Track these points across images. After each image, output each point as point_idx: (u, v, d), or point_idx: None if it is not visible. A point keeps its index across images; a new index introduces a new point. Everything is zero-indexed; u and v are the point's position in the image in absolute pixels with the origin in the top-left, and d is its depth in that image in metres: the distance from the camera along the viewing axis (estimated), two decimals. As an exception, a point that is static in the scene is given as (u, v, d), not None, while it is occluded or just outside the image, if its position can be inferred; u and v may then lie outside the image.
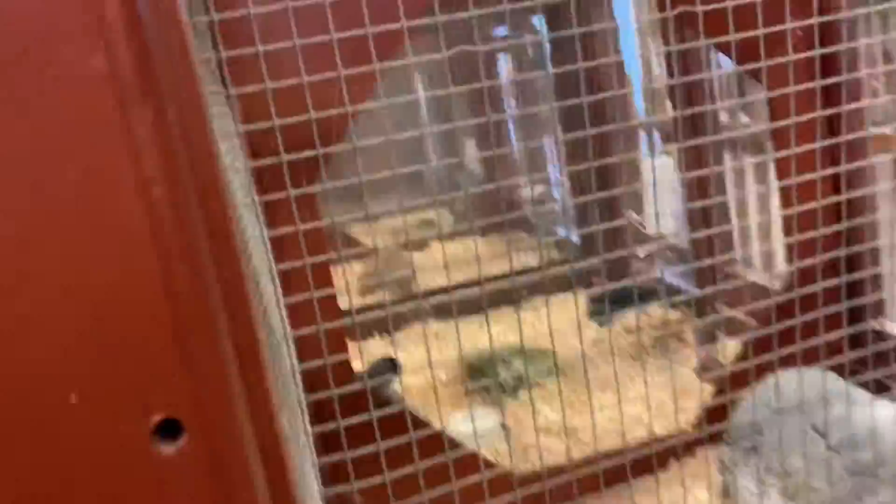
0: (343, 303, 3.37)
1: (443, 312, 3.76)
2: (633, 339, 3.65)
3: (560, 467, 2.64)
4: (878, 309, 2.71)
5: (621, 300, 3.69)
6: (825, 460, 2.04)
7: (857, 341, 2.33)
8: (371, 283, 4.59)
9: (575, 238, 5.07)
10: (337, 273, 4.84)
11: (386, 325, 3.86)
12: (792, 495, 2.12)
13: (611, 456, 2.47)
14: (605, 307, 3.78)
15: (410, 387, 3.50)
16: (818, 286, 1.28)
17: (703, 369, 3.00)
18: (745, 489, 2.30)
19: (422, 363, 3.72)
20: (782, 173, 2.82)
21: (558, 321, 4.11)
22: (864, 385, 1.48)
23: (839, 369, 2.09)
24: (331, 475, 2.47)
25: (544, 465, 2.71)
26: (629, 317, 3.76)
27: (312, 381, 2.43)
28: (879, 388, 1.97)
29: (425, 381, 3.60)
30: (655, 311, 3.79)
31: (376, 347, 3.93)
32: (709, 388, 2.97)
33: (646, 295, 3.79)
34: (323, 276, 2.34)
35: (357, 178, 1.74)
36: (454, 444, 2.42)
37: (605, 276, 4.47)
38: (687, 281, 3.91)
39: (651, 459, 2.34)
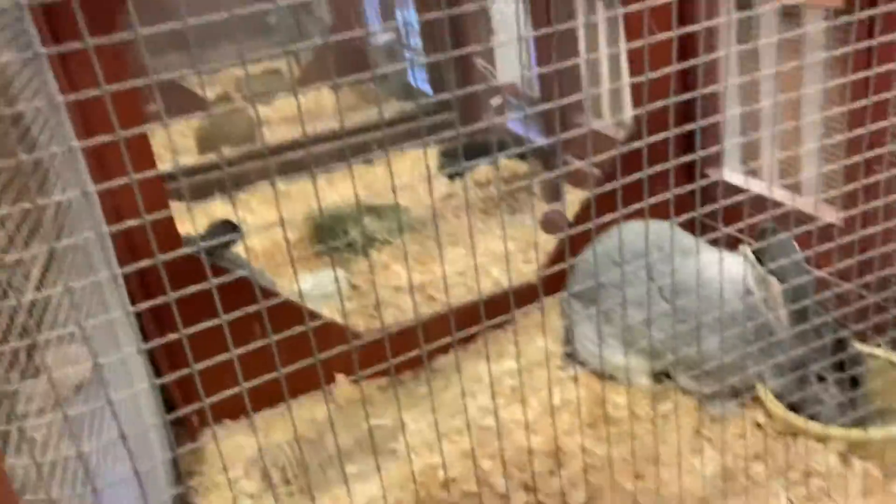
0: (169, 162, 3.12)
1: (289, 170, 3.57)
2: (483, 193, 3.62)
3: (411, 324, 2.62)
4: (718, 160, 2.76)
5: (473, 153, 3.63)
6: (660, 310, 2.09)
7: (700, 193, 2.37)
8: (210, 140, 4.29)
9: (427, 88, 4.91)
10: (168, 131, 4.46)
11: (226, 185, 3.64)
12: (629, 343, 2.18)
13: (460, 310, 2.46)
14: (455, 161, 3.71)
15: (255, 249, 3.35)
16: (657, 137, 1.21)
17: (548, 221, 3.00)
18: (584, 337, 2.36)
19: (266, 224, 3.56)
20: (631, 29, 2.76)
21: (409, 176, 4.03)
22: (714, 241, 1.48)
23: (684, 221, 2.12)
24: (169, 357, 2.34)
25: (395, 323, 2.69)
26: (480, 170, 3.71)
27: (137, 251, 2.24)
28: (729, 244, 2.02)
29: (271, 243, 3.46)
30: (506, 163, 3.75)
31: (218, 210, 3.72)
32: (553, 240, 2.99)
33: (497, 147, 3.73)
34: (139, 145, 2.11)
35: (182, 23, 1.50)
36: (299, 310, 2.33)
37: (457, 129, 4.39)
38: (537, 133, 3.88)
39: (498, 312, 2.33)
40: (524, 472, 1.94)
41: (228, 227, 2.92)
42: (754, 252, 1.99)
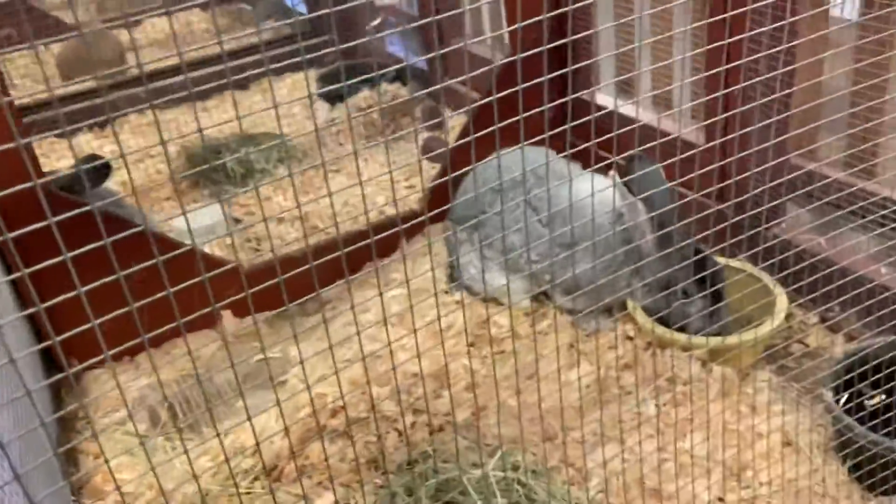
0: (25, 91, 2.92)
1: (161, 98, 3.42)
2: (365, 119, 3.59)
3: (294, 256, 2.61)
4: (590, 81, 2.83)
5: (352, 77, 3.58)
6: (538, 235, 2.17)
7: (573, 116, 2.43)
8: (74, 67, 4.04)
9: (303, 9, 4.77)
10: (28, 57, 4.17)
11: (93, 115, 3.45)
12: (511, 269, 2.26)
13: (347, 240, 2.47)
14: (335, 86, 3.64)
15: (127, 184, 3.22)
16: (530, 52, 1.23)
17: (427, 148, 3.02)
18: (468, 264, 2.42)
19: (139, 157, 3.42)
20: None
21: (288, 104, 3.94)
22: (587, 167, 1.54)
23: (562, 146, 2.18)
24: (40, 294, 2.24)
25: (277, 255, 2.67)
26: (360, 95, 3.66)
27: None
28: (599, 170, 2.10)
29: (145, 176, 3.34)
30: (387, 88, 3.72)
31: (86, 143, 3.54)
32: (435, 167, 3.02)
33: (377, 71, 3.68)
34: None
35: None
36: (175, 246, 2.28)
37: (336, 53, 4.29)
38: (416, 56, 3.84)
39: (384, 240, 2.35)
40: (412, 395, 2.01)
41: (99, 165, 2.79)
42: (623, 179, 2.08)
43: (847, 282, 1.99)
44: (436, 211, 2.58)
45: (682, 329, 2.11)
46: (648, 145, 1.42)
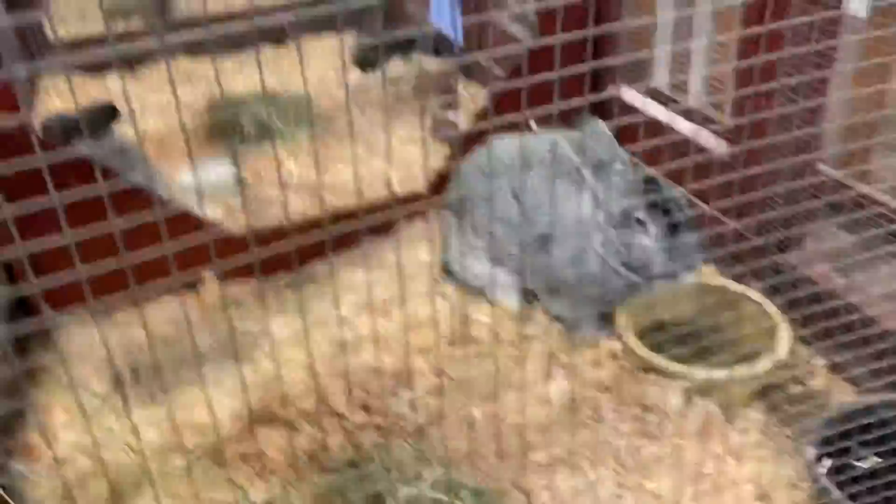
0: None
1: (196, 49, 3.35)
2: (395, 90, 3.45)
3: (297, 225, 2.51)
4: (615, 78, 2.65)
5: (392, 48, 3.44)
6: (519, 225, 2.02)
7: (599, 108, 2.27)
8: (116, 9, 4.00)
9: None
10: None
11: (126, 61, 3.42)
12: (495, 258, 2.13)
13: (344, 214, 2.37)
14: (373, 54, 3.51)
15: (149, 133, 3.17)
16: (559, 38, 1.09)
17: (437, 127, 2.87)
18: (457, 251, 2.29)
19: (162, 106, 3.36)
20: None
21: (321, 66, 3.83)
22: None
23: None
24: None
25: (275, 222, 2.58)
26: (397, 65, 3.52)
27: None
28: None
29: (167, 128, 3.28)
30: (426, 61, 3.57)
31: (115, 85, 3.51)
32: (444, 149, 2.88)
33: (416, 44, 3.54)
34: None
35: None
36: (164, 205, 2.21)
37: (378, 19, 4.15)
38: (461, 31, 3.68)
39: (386, 220, 2.23)
40: (367, 391, 1.90)
41: (106, 110, 2.75)
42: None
43: (865, 330, 1.81)
44: (435, 195, 2.46)
45: (639, 269, 1.97)
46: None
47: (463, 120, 2.89)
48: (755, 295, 2.06)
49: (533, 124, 1.88)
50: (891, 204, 1.96)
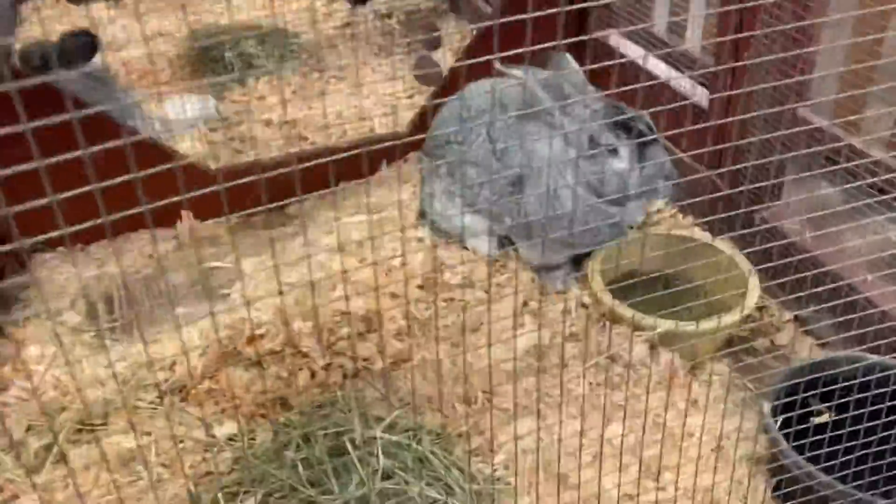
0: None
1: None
2: (384, 26, 3.39)
3: (275, 161, 2.49)
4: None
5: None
6: (492, 168, 2.00)
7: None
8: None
9: None
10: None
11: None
12: (470, 203, 2.12)
13: (328, 153, 2.35)
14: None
15: (131, 64, 3.13)
16: None
17: (419, 67, 2.83)
18: (432, 196, 2.28)
19: (146, 37, 3.31)
20: None
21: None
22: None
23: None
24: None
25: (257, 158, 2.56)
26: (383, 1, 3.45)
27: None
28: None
29: (146, 57, 3.23)
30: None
31: (100, 12, 3.44)
32: (427, 90, 2.83)
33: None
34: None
35: None
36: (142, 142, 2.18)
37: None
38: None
39: (358, 161, 2.21)
40: (336, 333, 1.91)
41: (87, 40, 2.70)
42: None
43: (832, 285, 1.81)
44: (418, 136, 2.43)
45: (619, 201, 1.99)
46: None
47: (447, 59, 2.83)
48: (725, 245, 2.06)
49: (500, 66, 1.85)
50: (876, 156, 1.93)
